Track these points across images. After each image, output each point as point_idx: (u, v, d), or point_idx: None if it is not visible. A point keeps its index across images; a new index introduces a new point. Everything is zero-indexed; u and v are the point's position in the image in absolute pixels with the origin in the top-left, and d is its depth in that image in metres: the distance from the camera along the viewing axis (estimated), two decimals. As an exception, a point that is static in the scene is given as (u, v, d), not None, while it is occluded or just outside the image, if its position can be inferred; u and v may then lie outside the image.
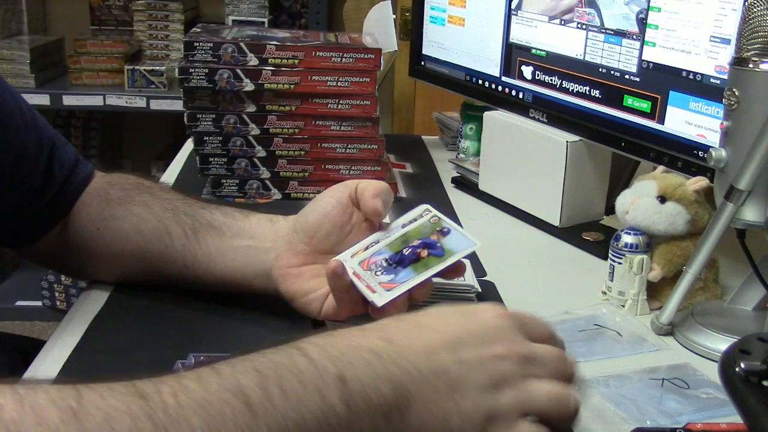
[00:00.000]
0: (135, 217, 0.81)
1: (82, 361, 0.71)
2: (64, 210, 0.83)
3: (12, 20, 2.66)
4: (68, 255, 0.84)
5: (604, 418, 0.65)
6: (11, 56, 2.43)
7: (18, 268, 2.82)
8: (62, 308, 2.57)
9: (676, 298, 0.80)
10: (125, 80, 2.44)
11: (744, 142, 0.73)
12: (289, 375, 0.47)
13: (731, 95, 0.73)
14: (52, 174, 0.82)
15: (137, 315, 0.79)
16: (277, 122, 1.12)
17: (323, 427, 0.46)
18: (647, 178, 0.89)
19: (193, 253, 0.78)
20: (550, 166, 1.05)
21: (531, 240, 1.07)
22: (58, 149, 0.83)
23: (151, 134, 2.84)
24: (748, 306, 0.81)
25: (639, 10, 0.94)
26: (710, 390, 0.70)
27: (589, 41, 1.02)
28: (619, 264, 0.85)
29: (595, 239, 1.03)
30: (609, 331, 0.81)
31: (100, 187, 0.84)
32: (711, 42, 0.86)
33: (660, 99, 0.93)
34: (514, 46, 1.15)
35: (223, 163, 1.13)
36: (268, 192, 1.15)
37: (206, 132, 1.12)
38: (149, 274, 0.81)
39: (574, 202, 1.06)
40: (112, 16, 2.74)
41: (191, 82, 1.09)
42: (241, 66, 1.09)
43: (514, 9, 1.13)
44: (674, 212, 0.85)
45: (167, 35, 2.61)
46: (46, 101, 2.40)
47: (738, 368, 0.51)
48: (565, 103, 1.07)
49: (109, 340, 0.75)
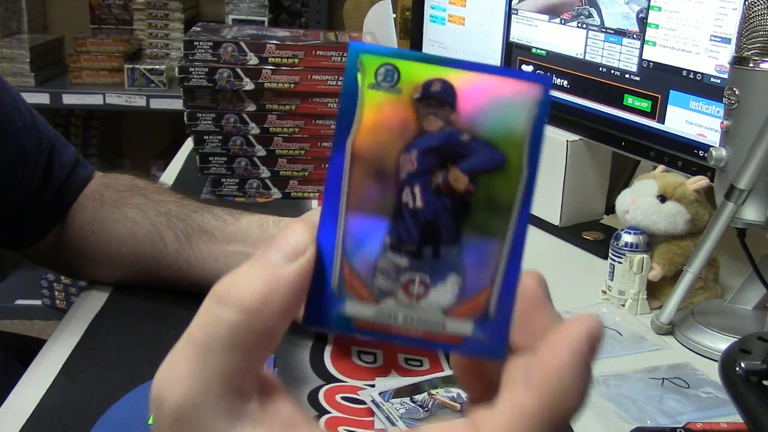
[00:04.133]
0: (129, 221, 0.81)
1: (82, 361, 0.71)
2: (62, 212, 0.83)
3: (12, 19, 2.66)
4: (66, 256, 0.84)
5: (604, 418, 0.65)
6: (11, 55, 2.43)
7: (18, 267, 2.81)
8: (62, 307, 2.57)
9: (676, 297, 0.80)
10: (125, 79, 2.44)
11: (744, 142, 0.72)
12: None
13: (731, 94, 0.73)
14: (51, 176, 0.82)
15: (137, 315, 0.79)
16: (277, 121, 1.11)
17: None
18: (647, 177, 0.89)
19: (187, 257, 0.79)
20: (550, 166, 1.05)
21: (531, 239, 1.06)
22: (57, 150, 0.83)
23: (151, 133, 2.84)
24: (749, 305, 0.81)
25: (639, 10, 0.94)
26: (710, 389, 0.70)
27: (589, 41, 1.02)
28: (619, 263, 0.85)
29: (595, 239, 1.03)
30: (609, 330, 0.81)
31: (96, 189, 0.84)
32: (711, 41, 0.86)
33: (660, 98, 0.93)
34: (514, 45, 1.15)
35: (223, 162, 1.13)
36: (268, 191, 1.15)
37: (206, 131, 1.12)
38: (146, 277, 0.81)
39: (574, 201, 1.06)
40: (112, 15, 2.74)
41: (191, 81, 1.08)
42: (241, 65, 1.09)
43: (515, 8, 1.13)
44: (674, 211, 0.85)
45: (167, 34, 2.61)
46: (46, 100, 2.40)
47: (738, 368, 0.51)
48: (566, 103, 1.07)
49: (109, 340, 0.75)
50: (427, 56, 0.30)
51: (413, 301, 0.30)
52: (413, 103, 0.30)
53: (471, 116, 0.30)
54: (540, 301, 0.30)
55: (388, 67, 0.30)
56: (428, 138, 0.30)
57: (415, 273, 0.30)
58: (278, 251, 0.28)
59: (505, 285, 0.30)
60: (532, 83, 0.30)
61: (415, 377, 0.70)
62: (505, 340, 0.30)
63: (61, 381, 0.68)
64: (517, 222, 0.31)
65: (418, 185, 0.30)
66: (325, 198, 0.30)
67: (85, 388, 0.67)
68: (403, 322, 0.30)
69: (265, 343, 0.28)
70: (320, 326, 0.30)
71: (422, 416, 0.65)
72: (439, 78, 0.30)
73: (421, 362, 0.73)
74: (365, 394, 0.67)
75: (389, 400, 0.66)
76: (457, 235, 0.30)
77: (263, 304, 0.27)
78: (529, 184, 0.30)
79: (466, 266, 0.30)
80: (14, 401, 0.66)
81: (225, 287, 0.28)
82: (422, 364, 0.73)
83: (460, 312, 0.30)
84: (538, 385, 0.27)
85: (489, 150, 0.30)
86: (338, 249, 0.30)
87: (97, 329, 0.76)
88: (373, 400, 0.66)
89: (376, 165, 0.30)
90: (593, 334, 0.28)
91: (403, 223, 0.30)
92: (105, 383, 0.67)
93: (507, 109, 0.30)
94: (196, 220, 0.80)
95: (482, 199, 0.30)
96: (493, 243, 0.30)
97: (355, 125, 0.30)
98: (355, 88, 0.30)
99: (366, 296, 0.30)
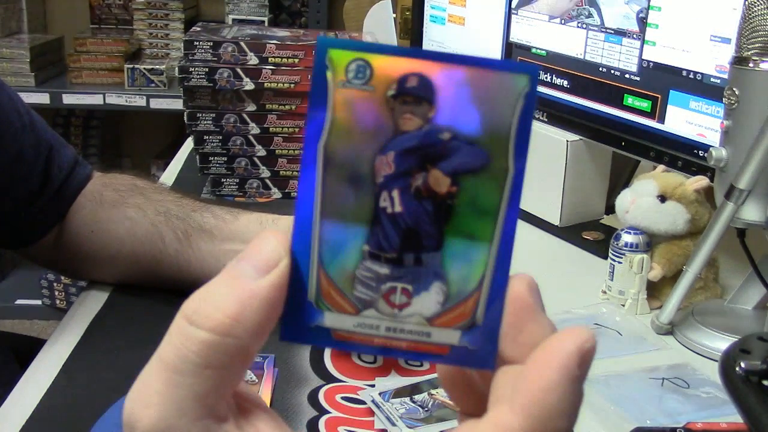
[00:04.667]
0: (129, 220, 0.81)
1: (82, 361, 0.71)
2: (61, 213, 0.83)
3: (12, 19, 2.66)
4: (65, 257, 0.84)
5: (604, 418, 0.65)
6: (11, 55, 2.43)
7: (17, 267, 2.81)
8: (62, 307, 2.57)
9: (676, 297, 0.80)
10: (125, 79, 2.44)
11: (744, 142, 0.72)
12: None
13: (731, 94, 0.73)
14: (50, 177, 0.82)
15: (137, 315, 0.79)
16: (277, 121, 1.11)
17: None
18: (647, 177, 0.89)
19: (187, 257, 0.79)
20: (551, 166, 1.05)
21: (531, 239, 1.07)
22: (56, 151, 0.83)
23: (151, 133, 2.84)
24: (749, 305, 0.81)
25: (639, 9, 0.94)
26: (710, 389, 0.70)
27: (589, 40, 1.02)
28: (619, 263, 0.85)
29: (595, 238, 1.03)
30: (609, 330, 0.81)
31: (95, 189, 0.84)
32: (711, 41, 0.86)
33: (660, 98, 0.93)
34: (514, 45, 1.15)
35: (223, 162, 1.13)
36: (268, 191, 1.15)
37: (206, 131, 1.12)
38: (146, 277, 0.81)
39: (574, 201, 1.06)
40: (112, 15, 2.74)
41: (191, 81, 1.08)
42: (241, 65, 1.09)
43: (515, 8, 1.13)
44: (674, 211, 0.85)
45: (167, 34, 2.61)
46: (46, 100, 2.40)
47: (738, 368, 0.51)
48: (566, 103, 1.07)
49: (109, 340, 0.75)
50: (401, 49, 0.28)
51: (395, 311, 0.28)
52: (388, 101, 0.27)
53: (451, 113, 0.27)
54: (530, 309, 0.28)
55: (359, 63, 0.27)
56: (406, 138, 0.28)
57: (397, 281, 0.28)
58: (250, 264, 0.27)
59: (492, 291, 0.28)
60: (518, 74, 0.27)
61: (415, 377, 0.70)
62: (494, 349, 0.28)
63: (61, 381, 0.68)
64: (504, 224, 0.28)
65: (396, 189, 0.28)
66: (297, 205, 0.28)
67: (85, 388, 0.67)
68: (386, 333, 0.28)
69: (240, 362, 0.26)
70: (298, 340, 0.28)
71: (422, 416, 0.65)
72: (415, 72, 0.27)
73: (421, 362, 0.73)
74: (365, 394, 0.67)
75: (389, 400, 0.66)
76: (439, 241, 0.28)
77: (236, 322, 0.26)
78: (517, 183, 0.28)
79: (451, 273, 0.28)
80: (14, 401, 0.66)
81: (195, 305, 0.26)
82: (422, 364, 0.73)
83: (445, 321, 0.28)
84: (523, 406, 0.26)
85: (471, 149, 0.27)
86: (314, 259, 0.28)
87: (97, 329, 0.76)
88: (373, 400, 0.66)
89: (350, 169, 0.28)
90: (584, 349, 0.26)
91: (381, 230, 0.28)
92: (105, 383, 0.67)
93: (490, 104, 0.27)
94: (195, 219, 0.80)
95: (466, 201, 0.28)
96: (478, 247, 0.28)
97: (326, 127, 0.28)
98: (325, 86, 0.28)
99: (345, 307, 0.28)
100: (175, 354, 0.26)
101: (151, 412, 0.26)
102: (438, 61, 0.28)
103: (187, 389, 0.26)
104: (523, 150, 0.27)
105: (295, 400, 0.67)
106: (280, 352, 0.72)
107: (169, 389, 0.26)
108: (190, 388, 0.26)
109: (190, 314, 0.26)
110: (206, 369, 0.26)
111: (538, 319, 0.28)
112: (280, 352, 0.72)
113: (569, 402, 0.26)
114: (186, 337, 0.26)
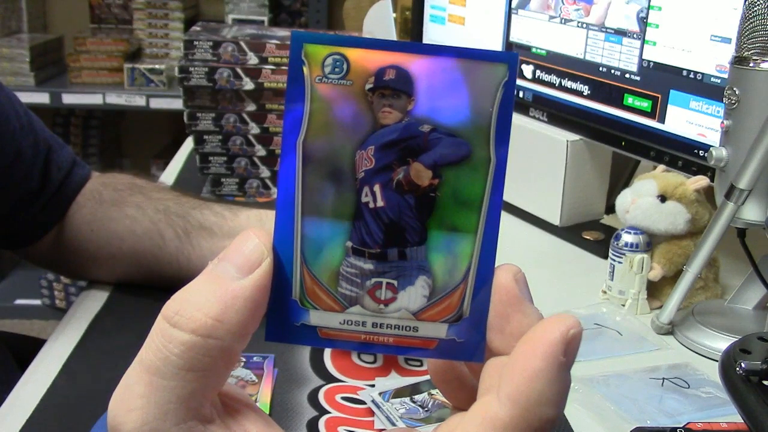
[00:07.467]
0: (128, 219, 0.81)
1: (82, 361, 0.71)
2: (60, 213, 0.83)
3: (12, 18, 2.66)
4: (65, 256, 0.84)
5: (604, 418, 0.65)
6: (11, 54, 2.43)
7: (17, 267, 2.81)
8: (61, 307, 2.57)
9: (676, 297, 0.80)
10: (125, 79, 2.44)
11: (744, 141, 0.72)
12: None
13: (732, 94, 0.73)
14: (49, 177, 0.82)
15: (137, 315, 0.79)
16: (277, 121, 1.11)
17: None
18: (647, 177, 0.89)
19: (187, 254, 0.79)
20: (551, 166, 1.05)
21: (531, 239, 1.07)
22: (54, 152, 0.83)
23: (151, 133, 2.84)
24: (749, 305, 0.81)
25: (640, 9, 0.94)
26: (710, 389, 0.70)
27: (589, 40, 1.02)
28: (619, 263, 0.85)
29: (596, 238, 1.03)
30: (609, 330, 0.81)
31: (94, 189, 0.84)
32: (711, 41, 0.85)
33: (660, 98, 0.93)
34: (514, 45, 1.15)
35: (222, 161, 1.13)
36: (267, 191, 1.15)
37: (206, 131, 1.12)
38: (146, 275, 0.81)
39: (574, 201, 1.06)
40: (111, 15, 2.74)
41: (191, 81, 1.08)
42: (241, 65, 1.08)
43: (515, 8, 1.13)
44: (674, 211, 0.85)
45: (167, 34, 2.61)
46: (46, 100, 2.40)
47: (738, 368, 0.51)
48: (566, 103, 1.07)
49: (109, 340, 0.75)
50: (377, 42, 0.27)
51: (381, 307, 0.28)
52: (366, 95, 0.27)
53: (430, 104, 0.27)
54: (515, 300, 0.28)
55: (335, 57, 0.27)
56: (385, 131, 0.27)
57: (381, 277, 0.28)
58: (232, 263, 0.26)
59: (478, 282, 0.28)
60: (496, 62, 0.27)
61: (415, 377, 0.70)
62: (482, 341, 0.28)
63: (61, 381, 0.68)
64: (487, 215, 0.28)
65: (377, 183, 0.28)
66: (278, 204, 0.28)
67: (85, 388, 0.67)
68: (373, 329, 0.28)
69: (223, 364, 0.26)
70: (284, 340, 0.28)
71: (422, 416, 0.65)
72: (393, 65, 0.27)
73: (421, 362, 0.73)
74: (365, 394, 0.67)
75: (389, 400, 0.66)
76: (423, 234, 0.28)
77: (219, 324, 0.25)
78: (499, 173, 0.27)
79: (436, 266, 0.28)
80: (14, 401, 0.65)
81: (176, 306, 0.26)
82: (422, 363, 0.73)
83: (432, 314, 0.28)
84: (509, 395, 0.25)
85: (452, 140, 0.27)
86: (297, 257, 0.28)
87: (97, 329, 0.76)
88: (373, 400, 0.66)
89: (330, 165, 0.27)
90: (569, 336, 0.26)
91: (364, 225, 0.28)
92: (105, 383, 0.67)
93: (470, 94, 0.27)
94: (195, 217, 0.80)
95: (448, 193, 0.27)
96: (463, 239, 0.28)
97: (304, 124, 0.27)
98: (302, 82, 0.27)
99: (330, 305, 0.28)
100: (157, 356, 0.26)
101: (134, 416, 0.25)
102: (415, 53, 0.27)
103: (170, 392, 0.25)
104: (504, 138, 0.27)
105: (295, 400, 0.67)
106: (280, 352, 0.72)
107: (151, 392, 0.25)
108: (173, 391, 0.25)
109: (172, 316, 0.26)
110: (189, 371, 0.25)
111: (525, 309, 0.28)
112: (280, 352, 0.72)
113: (556, 389, 0.25)
114: (168, 339, 0.26)
